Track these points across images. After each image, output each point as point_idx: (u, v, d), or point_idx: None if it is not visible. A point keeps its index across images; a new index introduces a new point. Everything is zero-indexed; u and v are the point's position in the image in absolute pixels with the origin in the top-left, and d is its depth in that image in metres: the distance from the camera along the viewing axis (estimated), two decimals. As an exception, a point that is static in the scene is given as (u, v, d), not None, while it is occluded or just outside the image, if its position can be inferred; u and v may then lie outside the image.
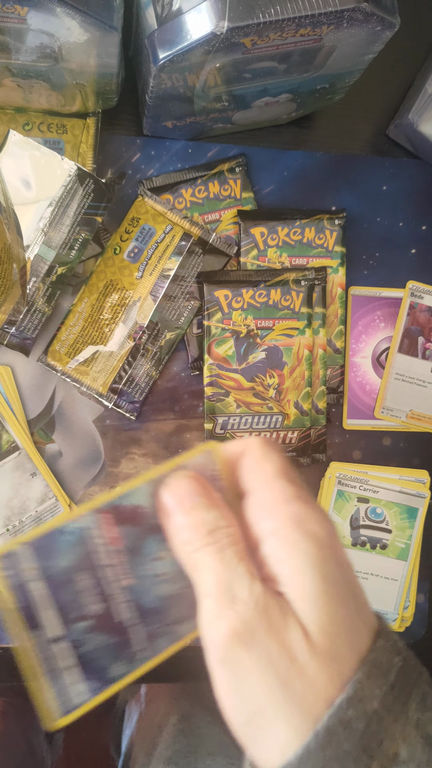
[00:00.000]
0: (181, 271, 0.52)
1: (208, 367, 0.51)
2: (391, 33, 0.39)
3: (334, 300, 0.54)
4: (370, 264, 0.56)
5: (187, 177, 0.52)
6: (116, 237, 0.52)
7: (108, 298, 0.51)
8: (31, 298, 0.48)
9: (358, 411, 0.56)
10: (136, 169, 0.52)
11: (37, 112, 0.49)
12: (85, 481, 0.53)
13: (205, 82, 0.41)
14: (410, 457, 0.57)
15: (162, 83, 0.41)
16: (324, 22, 0.36)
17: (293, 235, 0.53)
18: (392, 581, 0.55)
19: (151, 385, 0.52)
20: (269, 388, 0.52)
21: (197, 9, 0.35)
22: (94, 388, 0.52)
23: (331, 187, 0.55)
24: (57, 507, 0.51)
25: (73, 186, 0.47)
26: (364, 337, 0.56)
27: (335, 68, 0.43)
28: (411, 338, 0.56)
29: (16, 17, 0.36)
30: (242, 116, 0.50)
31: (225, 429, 0.51)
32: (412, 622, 0.56)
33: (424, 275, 0.56)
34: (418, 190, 0.56)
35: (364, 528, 0.55)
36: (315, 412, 0.54)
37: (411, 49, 0.56)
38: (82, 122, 0.50)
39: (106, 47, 0.39)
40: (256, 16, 0.34)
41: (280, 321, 0.52)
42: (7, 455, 0.50)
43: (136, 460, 0.53)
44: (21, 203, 0.47)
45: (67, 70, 0.42)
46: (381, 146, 0.56)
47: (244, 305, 0.51)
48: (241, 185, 0.53)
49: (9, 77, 0.43)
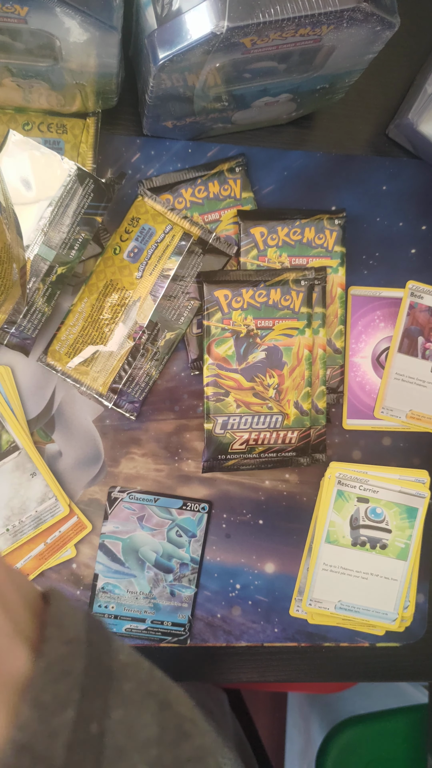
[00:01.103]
0: (180, 271, 0.52)
1: (208, 367, 0.51)
2: (391, 33, 0.39)
3: (334, 300, 0.54)
4: (370, 264, 0.56)
5: (187, 177, 0.52)
6: (116, 237, 0.52)
7: (108, 298, 0.51)
8: (31, 298, 0.48)
9: (358, 411, 0.56)
10: (136, 169, 0.52)
11: (37, 112, 0.49)
12: (85, 481, 0.53)
13: (205, 82, 0.41)
14: (410, 457, 0.57)
15: (162, 83, 0.41)
16: (324, 22, 0.36)
17: (293, 235, 0.53)
18: (392, 581, 0.55)
19: (151, 385, 0.52)
20: (269, 388, 0.52)
21: (197, 9, 0.35)
22: (94, 388, 0.52)
23: (331, 187, 0.55)
24: (57, 507, 0.51)
25: (73, 186, 0.47)
26: (363, 337, 0.56)
27: (335, 68, 0.43)
28: (411, 338, 0.56)
29: (16, 17, 0.36)
30: (242, 116, 0.50)
31: (225, 429, 0.51)
32: (412, 622, 0.56)
33: (424, 275, 0.56)
34: (418, 190, 0.56)
35: (364, 528, 0.55)
36: (315, 412, 0.54)
37: (411, 49, 0.56)
38: (82, 122, 0.50)
39: (106, 47, 0.39)
40: (256, 16, 0.34)
41: (280, 321, 0.52)
42: (7, 455, 0.51)
43: (136, 460, 0.53)
44: (21, 203, 0.47)
45: (67, 70, 0.42)
46: (381, 146, 0.56)
47: (243, 305, 0.51)
48: (241, 185, 0.53)
49: (9, 77, 0.43)
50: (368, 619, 0.55)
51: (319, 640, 0.56)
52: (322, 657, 0.57)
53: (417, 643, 0.57)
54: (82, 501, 0.53)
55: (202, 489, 0.54)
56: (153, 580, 0.53)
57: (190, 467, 0.54)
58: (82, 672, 0.20)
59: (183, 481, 0.54)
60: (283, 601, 0.55)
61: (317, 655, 0.57)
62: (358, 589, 0.55)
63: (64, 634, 0.21)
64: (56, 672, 0.20)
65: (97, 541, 0.53)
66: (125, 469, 0.53)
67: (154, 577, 0.53)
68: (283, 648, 0.56)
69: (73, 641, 0.21)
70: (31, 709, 0.18)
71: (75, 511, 0.52)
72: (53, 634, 0.21)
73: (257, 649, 0.56)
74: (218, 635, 0.54)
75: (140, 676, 0.22)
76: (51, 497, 0.51)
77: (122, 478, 0.53)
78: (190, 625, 0.54)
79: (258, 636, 0.55)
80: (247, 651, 0.56)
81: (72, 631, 0.21)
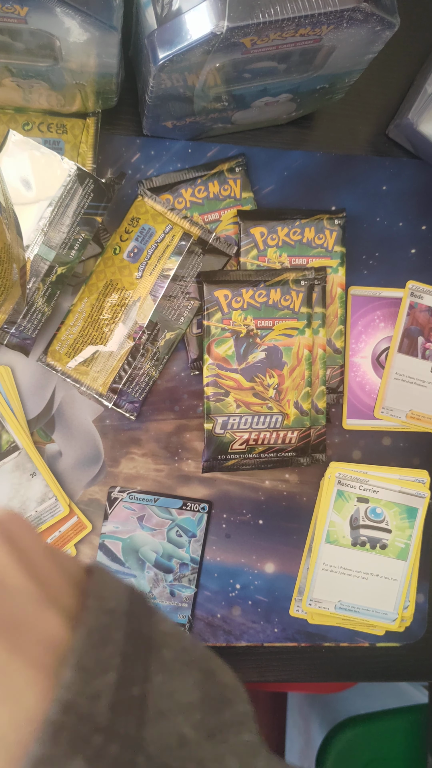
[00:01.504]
0: (180, 271, 0.52)
1: (208, 367, 0.51)
2: (391, 33, 0.39)
3: (334, 300, 0.54)
4: (369, 264, 0.56)
5: (187, 177, 0.52)
6: (116, 237, 0.52)
7: (108, 298, 0.51)
8: (31, 298, 0.48)
9: (357, 411, 0.56)
10: (136, 169, 0.52)
11: (37, 112, 0.49)
12: (85, 481, 0.53)
13: (205, 82, 0.41)
14: (410, 457, 0.57)
15: (162, 83, 0.41)
16: (324, 22, 0.36)
17: (293, 235, 0.53)
18: (392, 581, 0.55)
19: (151, 385, 0.52)
20: (269, 388, 0.52)
21: (197, 9, 0.35)
22: (94, 388, 0.52)
23: (331, 187, 0.55)
24: (57, 507, 0.51)
25: (73, 186, 0.47)
26: (363, 337, 0.56)
27: (335, 68, 0.43)
28: (411, 338, 0.56)
29: (16, 17, 0.36)
30: (242, 116, 0.50)
31: (225, 429, 0.51)
32: (412, 622, 0.56)
33: (424, 275, 0.56)
34: (418, 190, 0.56)
35: (364, 528, 0.55)
36: (315, 412, 0.54)
37: (411, 49, 0.56)
38: (81, 122, 0.50)
39: (106, 47, 0.39)
40: (255, 16, 0.34)
41: (280, 321, 0.52)
42: (7, 455, 0.51)
43: (135, 460, 0.53)
44: (21, 203, 0.47)
45: (67, 70, 0.42)
46: (381, 146, 0.56)
47: (243, 305, 0.51)
48: (241, 185, 0.53)
49: (9, 77, 0.43)
50: (368, 619, 0.55)
51: (319, 640, 0.56)
52: (322, 657, 0.57)
53: (417, 643, 0.57)
54: (82, 501, 0.53)
55: (202, 489, 0.54)
56: (153, 580, 0.53)
57: (190, 467, 0.54)
58: (122, 639, 0.21)
59: (183, 481, 0.54)
60: (283, 601, 0.55)
61: (317, 655, 0.57)
62: (358, 589, 0.55)
63: (104, 605, 0.22)
64: (96, 639, 0.20)
65: (97, 541, 0.53)
66: (125, 469, 0.53)
67: (154, 577, 0.53)
68: (283, 648, 0.56)
69: (113, 611, 0.22)
70: (73, 672, 0.19)
71: (75, 511, 0.52)
72: (93, 604, 0.21)
73: (257, 649, 0.56)
74: (218, 635, 0.54)
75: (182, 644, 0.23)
76: (51, 497, 0.51)
77: (122, 478, 0.53)
78: (190, 625, 0.54)
79: (258, 636, 0.55)
80: (247, 651, 0.56)
81: (113, 601, 0.22)
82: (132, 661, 0.20)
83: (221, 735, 0.21)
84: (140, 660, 0.21)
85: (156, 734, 0.19)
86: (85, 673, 0.19)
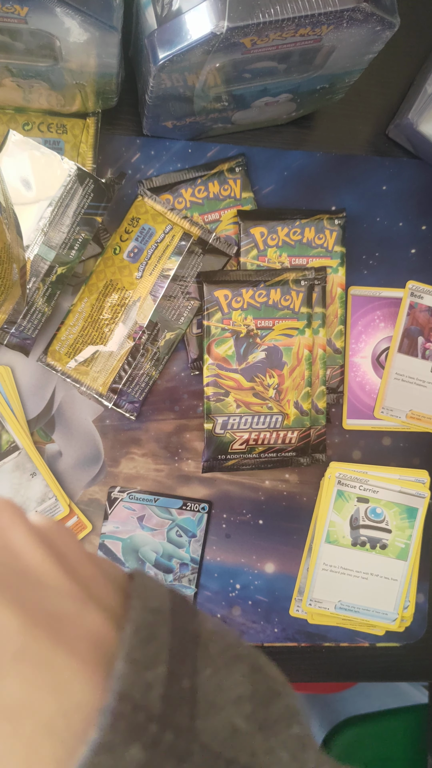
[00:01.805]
0: (180, 271, 0.52)
1: (208, 367, 0.51)
2: (391, 33, 0.39)
3: (334, 300, 0.54)
4: (369, 264, 0.56)
5: (187, 177, 0.52)
6: (116, 237, 0.52)
7: (108, 298, 0.51)
8: (31, 298, 0.48)
9: (357, 411, 0.56)
10: (136, 169, 0.52)
11: (37, 112, 0.49)
12: (85, 481, 0.53)
13: (205, 82, 0.41)
14: (410, 457, 0.57)
15: (162, 83, 0.41)
16: (324, 22, 0.36)
17: (293, 235, 0.53)
18: (392, 581, 0.55)
19: (151, 385, 0.52)
20: (269, 388, 0.52)
21: (197, 9, 0.35)
22: (94, 388, 0.52)
23: (331, 187, 0.55)
24: (57, 507, 0.51)
25: (73, 186, 0.47)
26: (363, 337, 0.56)
27: (335, 68, 0.43)
28: (411, 338, 0.56)
29: (16, 17, 0.36)
30: (242, 116, 0.50)
31: (225, 429, 0.51)
32: (412, 622, 0.56)
33: (424, 275, 0.56)
34: (418, 190, 0.56)
35: (364, 528, 0.55)
36: (315, 412, 0.54)
37: (411, 49, 0.56)
38: (81, 122, 0.50)
39: (106, 47, 0.39)
40: (255, 16, 0.34)
41: (280, 321, 0.52)
42: (7, 455, 0.51)
43: (135, 460, 0.53)
44: (21, 203, 0.47)
45: (67, 70, 0.42)
46: (381, 146, 0.56)
47: (243, 305, 0.51)
48: (241, 185, 0.53)
49: (9, 77, 0.43)
50: (368, 619, 0.55)
51: (319, 640, 0.56)
52: (322, 657, 0.57)
53: (417, 643, 0.57)
54: (82, 501, 0.53)
55: (202, 489, 0.54)
56: (153, 580, 0.53)
57: (190, 467, 0.54)
58: (168, 635, 0.21)
59: (183, 481, 0.54)
60: (283, 601, 0.55)
61: (317, 655, 0.57)
62: (358, 589, 0.55)
63: (148, 604, 0.22)
64: (144, 635, 0.21)
65: (97, 541, 0.53)
66: (125, 469, 0.53)
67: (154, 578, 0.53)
68: (283, 648, 0.56)
69: (158, 610, 0.22)
70: (125, 665, 0.19)
71: (75, 511, 0.52)
72: (138, 604, 0.22)
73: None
74: (218, 635, 0.54)
75: (227, 640, 0.23)
76: (51, 497, 0.51)
77: (122, 478, 0.53)
78: (190, 625, 0.54)
79: (258, 636, 0.55)
80: (247, 651, 0.56)
81: (156, 601, 0.23)
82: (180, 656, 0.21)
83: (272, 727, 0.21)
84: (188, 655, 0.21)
85: (208, 725, 0.20)
86: (136, 665, 0.19)
